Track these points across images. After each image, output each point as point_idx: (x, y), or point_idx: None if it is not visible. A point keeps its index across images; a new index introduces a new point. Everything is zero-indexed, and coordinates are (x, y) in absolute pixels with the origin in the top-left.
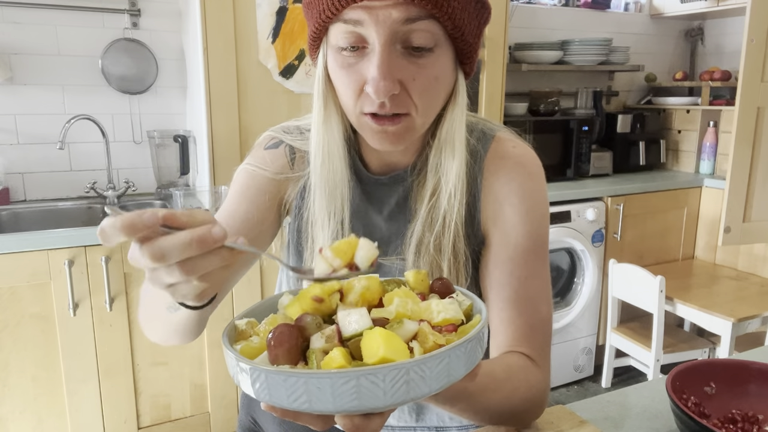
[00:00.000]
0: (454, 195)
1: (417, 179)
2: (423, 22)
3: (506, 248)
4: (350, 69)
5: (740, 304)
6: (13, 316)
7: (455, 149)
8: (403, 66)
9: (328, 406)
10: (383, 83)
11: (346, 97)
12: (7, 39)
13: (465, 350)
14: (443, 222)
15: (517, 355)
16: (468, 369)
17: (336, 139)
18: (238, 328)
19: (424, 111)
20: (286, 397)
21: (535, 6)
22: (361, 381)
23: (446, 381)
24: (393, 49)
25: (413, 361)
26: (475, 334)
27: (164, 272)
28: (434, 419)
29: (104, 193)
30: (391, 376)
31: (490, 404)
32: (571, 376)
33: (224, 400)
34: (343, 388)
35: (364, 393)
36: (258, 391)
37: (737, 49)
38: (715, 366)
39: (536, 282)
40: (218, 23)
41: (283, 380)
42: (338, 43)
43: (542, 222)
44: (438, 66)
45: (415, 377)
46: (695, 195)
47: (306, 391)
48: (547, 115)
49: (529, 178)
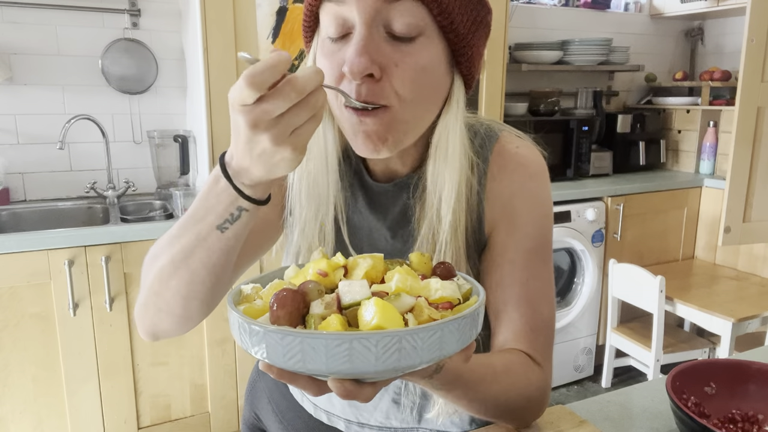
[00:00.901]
0: (449, 203)
1: (418, 190)
2: (406, 2)
3: (509, 249)
4: (332, 56)
5: (740, 304)
6: (13, 316)
7: (449, 156)
8: (385, 51)
9: (321, 366)
10: (358, 60)
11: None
12: (7, 39)
13: (458, 326)
14: (446, 234)
15: (519, 353)
16: (460, 346)
17: (329, 138)
18: (243, 292)
19: (407, 105)
20: (282, 355)
21: (535, 6)
22: (354, 344)
23: (438, 354)
24: (374, 30)
25: (406, 330)
26: (470, 312)
27: (297, 112)
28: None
29: (104, 193)
30: (383, 342)
31: (486, 395)
32: (571, 376)
33: (224, 400)
34: (336, 349)
35: (356, 356)
36: (257, 351)
37: (737, 49)
38: (715, 366)
39: (539, 283)
40: (218, 23)
41: (280, 338)
42: (327, 32)
43: (546, 223)
44: (424, 55)
45: (407, 346)
46: (695, 195)
47: (301, 350)
48: (547, 115)
49: (533, 178)
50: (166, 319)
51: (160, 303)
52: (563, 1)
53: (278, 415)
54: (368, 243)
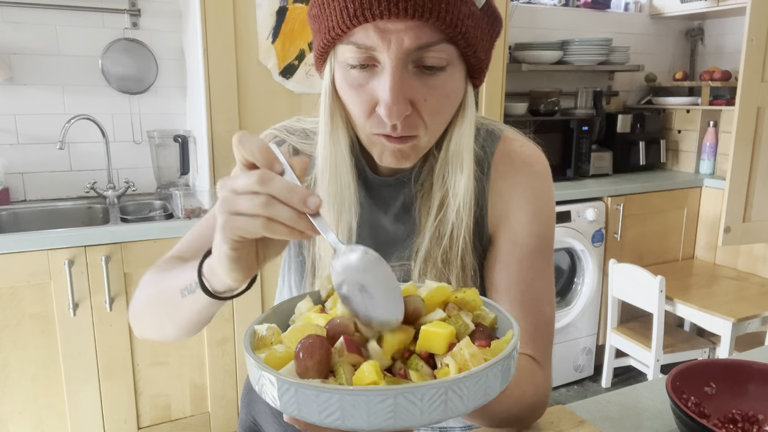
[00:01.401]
0: (462, 208)
1: (422, 189)
2: (437, 46)
3: (513, 249)
4: (360, 89)
5: (740, 304)
6: (13, 316)
7: (464, 162)
8: (415, 87)
9: (362, 424)
10: (396, 107)
11: (357, 116)
12: (7, 39)
13: (501, 368)
14: (451, 236)
15: (524, 358)
16: (503, 386)
17: (343, 153)
18: (258, 333)
19: (432, 130)
20: (318, 413)
21: (535, 6)
22: (399, 400)
23: (483, 399)
24: (405, 70)
25: (452, 380)
26: (511, 351)
27: (247, 198)
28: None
29: (104, 193)
30: (429, 394)
31: (500, 409)
32: (571, 376)
33: (224, 400)
34: (379, 406)
35: (400, 412)
36: (285, 404)
37: (737, 49)
38: (715, 366)
39: (542, 283)
40: (218, 23)
41: (315, 395)
42: (347, 60)
43: (549, 222)
44: (450, 84)
45: (453, 397)
46: (695, 195)
47: (340, 407)
48: (547, 115)
49: (536, 177)
50: (149, 333)
51: (146, 327)
52: (563, 1)
53: (277, 416)
54: (370, 236)
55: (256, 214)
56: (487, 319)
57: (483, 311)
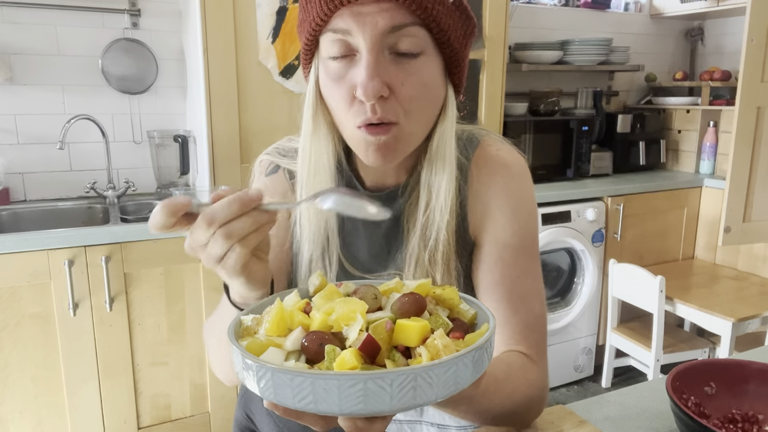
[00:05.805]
0: (445, 208)
1: (410, 197)
2: (409, 28)
3: (496, 249)
4: (341, 81)
5: (740, 304)
6: (13, 316)
7: (446, 163)
8: (392, 71)
9: (333, 407)
10: (371, 84)
11: (339, 110)
12: (7, 39)
13: (473, 358)
14: (436, 237)
15: (516, 354)
16: (475, 377)
17: (323, 150)
18: (243, 323)
19: (413, 119)
20: (292, 396)
21: (535, 6)
22: (369, 384)
23: (453, 389)
24: (381, 54)
25: (421, 367)
26: (483, 343)
27: (213, 245)
28: (436, 416)
29: (104, 193)
30: (399, 380)
31: (492, 405)
32: (571, 376)
33: (224, 400)
34: (349, 390)
35: (370, 396)
36: (263, 389)
37: (737, 49)
38: (715, 366)
39: (528, 280)
40: (218, 23)
41: (290, 379)
42: (328, 53)
43: (529, 220)
44: (426, 72)
45: (422, 383)
46: (695, 195)
47: (312, 391)
48: (547, 115)
49: (513, 178)
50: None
51: (216, 361)
52: (563, 1)
53: (273, 415)
54: (364, 252)
55: (230, 248)
56: (466, 316)
57: (462, 309)
